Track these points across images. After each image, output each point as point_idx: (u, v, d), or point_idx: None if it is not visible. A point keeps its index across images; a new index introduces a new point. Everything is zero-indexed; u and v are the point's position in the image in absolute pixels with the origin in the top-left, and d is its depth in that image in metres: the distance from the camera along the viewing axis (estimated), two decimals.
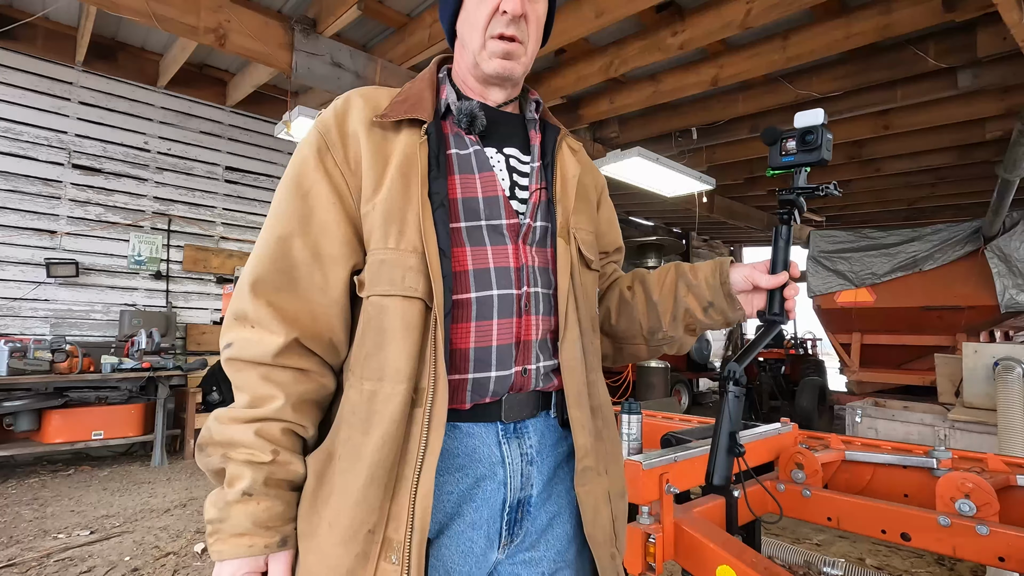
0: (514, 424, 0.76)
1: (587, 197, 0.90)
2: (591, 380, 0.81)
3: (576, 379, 0.77)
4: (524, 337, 0.76)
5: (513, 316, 0.75)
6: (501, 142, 0.83)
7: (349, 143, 0.75)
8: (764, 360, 7.67)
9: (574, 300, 0.79)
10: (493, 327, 0.74)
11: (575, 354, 0.77)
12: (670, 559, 1.10)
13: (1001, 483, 1.26)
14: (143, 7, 3.31)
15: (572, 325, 0.78)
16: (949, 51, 4.01)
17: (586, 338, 0.80)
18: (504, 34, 0.78)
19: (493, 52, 0.79)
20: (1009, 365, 2.87)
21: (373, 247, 0.72)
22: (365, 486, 0.66)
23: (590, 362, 0.81)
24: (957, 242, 5.21)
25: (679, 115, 5.58)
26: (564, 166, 0.84)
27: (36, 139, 4.82)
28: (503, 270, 0.76)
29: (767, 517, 1.41)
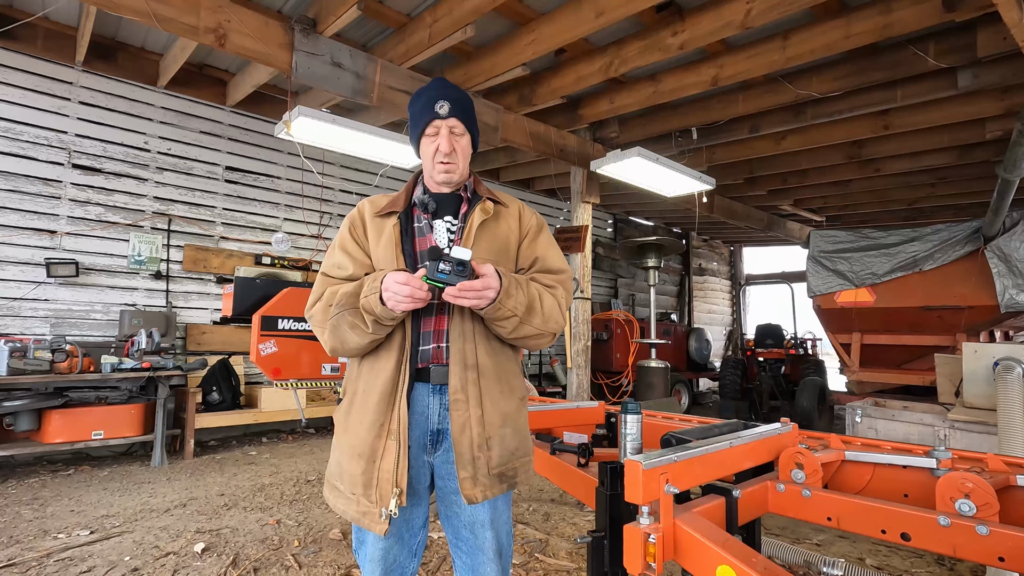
0: (438, 386, 1.33)
1: (495, 235, 1.40)
2: (467, 348, 1.32)
3: (455, 347, 1.31)
4: (438, 327, 1.34)
5: (434, 315, 1.34)
6: (443, 213, 1.43)
7: (362, 226, 1.44)
8: (764, 360, 7.68)
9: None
10: (431, 321, 1.34)
11: (456, 333, 1.32)
12: (670, 559, 1.10)
13: (1001, 483, 1.26)
14: (143, 7, 3.31)
15: (455, 316, 1.32)
16: (949, 51, 4.01)
17: (468, 323, 1.32)
18: (443, 162, 1.39)
19: (438, 171, 1.40)
20: (1009, 365, 2.87)
21: None
22: (378, 403, 1.29)
23: (468, 336, 1.32)
24: (957, 242, 5.21)
25: (679, 115, 5.59)
26: (471, 222, 1.37)
27: (36, 139, 4.82)
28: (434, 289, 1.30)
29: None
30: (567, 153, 5.81)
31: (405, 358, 1.29)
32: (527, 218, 1.49)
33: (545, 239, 1.48)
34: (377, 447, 1.26)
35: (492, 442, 1.31)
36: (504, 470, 1.33)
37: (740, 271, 13.58)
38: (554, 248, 1.49)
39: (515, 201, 1.51)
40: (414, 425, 1.31)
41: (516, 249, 1.44)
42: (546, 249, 1.47)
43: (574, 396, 5.93)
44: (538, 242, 1.47)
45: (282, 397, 5.37)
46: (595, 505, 1.47)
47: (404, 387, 1.27)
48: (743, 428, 1.65)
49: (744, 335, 9.48)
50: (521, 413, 1.41)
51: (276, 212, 6.21)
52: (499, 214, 1.43)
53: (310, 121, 4.02)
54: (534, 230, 1.48)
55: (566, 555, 2.79)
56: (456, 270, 1.17)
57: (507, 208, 1.46)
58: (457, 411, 1.28)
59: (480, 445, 1.28)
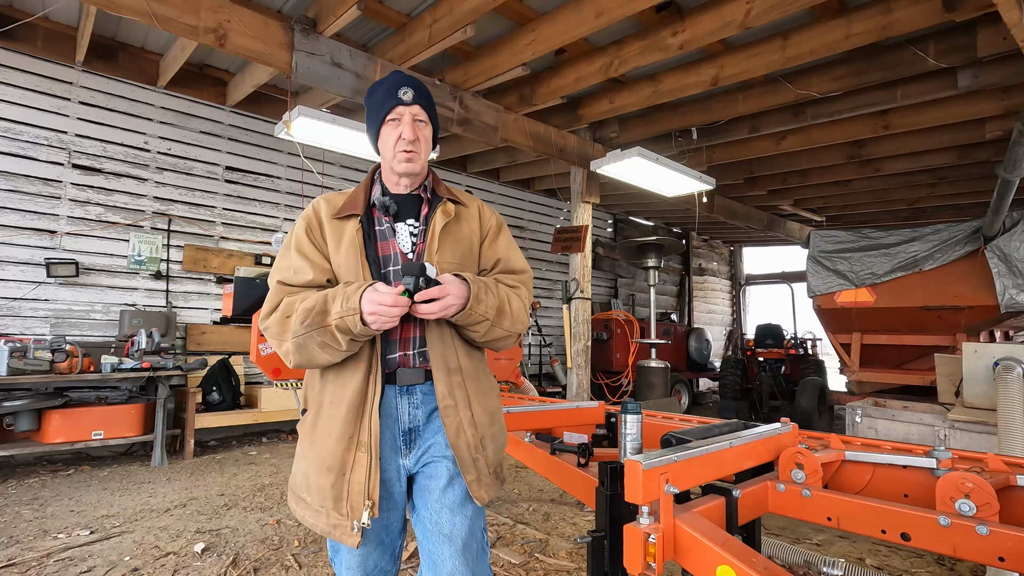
0: (407, 387, 1.32)
1: (459, 238, 1.38)
2: (448, 353, 1.31)
3: (436, 353, 1.30)
4: (404, 335, 1.32)
5: (399, 324, 1.26)
6: (404, 216, 1.39)
7: (319, 228, 1.37)
8: (764, 360, 7.68)
9: None
10: (397, 331, 1.31)
11: (435, 339, 1.30)
12: (670, 559, 1.10)
13: (1001, 483, 1.26)
14: (143, 7, 3.31)
15: (431, 323, 1.30)
16: (949, 51, 4.01)
17: (445, 328, 1.31)
18: (406, 150, 1.34)
19: (399, 159, 1.35)
20: (1009, 365, 2.86)
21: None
22: (346, 415, 1.25)
23: (448, 342, 1.31)
24: (957, 242, 5.21)
25: (679, 115, 5.59)
26: (434, 224, 1.35)
27: (36, 139, 4.82)
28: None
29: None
30: (567, 153, 5.81)
31: (375, 370, 1.26)
32: (487, 218, 1.47)
33: (505, 239, 1.48)
34: (347, 460, 1.22)
35: (486, 441, 1.33)
36: (497, 468, 1.37)
37: (740, 271, 13.58)
38: (514, 248, 1.49)
39: (474, 200, 1.49)
40: (385, 429, 1.29)
41: (478, 250, 1.43)
42: (507, 250, 1.46)
43: (574, 396, 5.93)
44: (499, 243, 1.46)
45: (282, 397, 5.37)
46: (595, 505, 1.47)
47: (376, 398, 1.25)
48: (743, 428, 1.65)
49: (744, 335, 9.48)
50: (500, 408, 1.44)
51: (276, 212, 6.21)
52: (460, 215, 1.41)
53: (310, 121, 4.02)
54: (494, 230, 1.47)
55: (566, 555, 2.79)
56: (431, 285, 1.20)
57: (467, 208, 1.44)
58: (449, 416, 1.28)
59: (476, 446, 1.30)
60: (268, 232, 6.10)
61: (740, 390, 7.75)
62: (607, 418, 2.43)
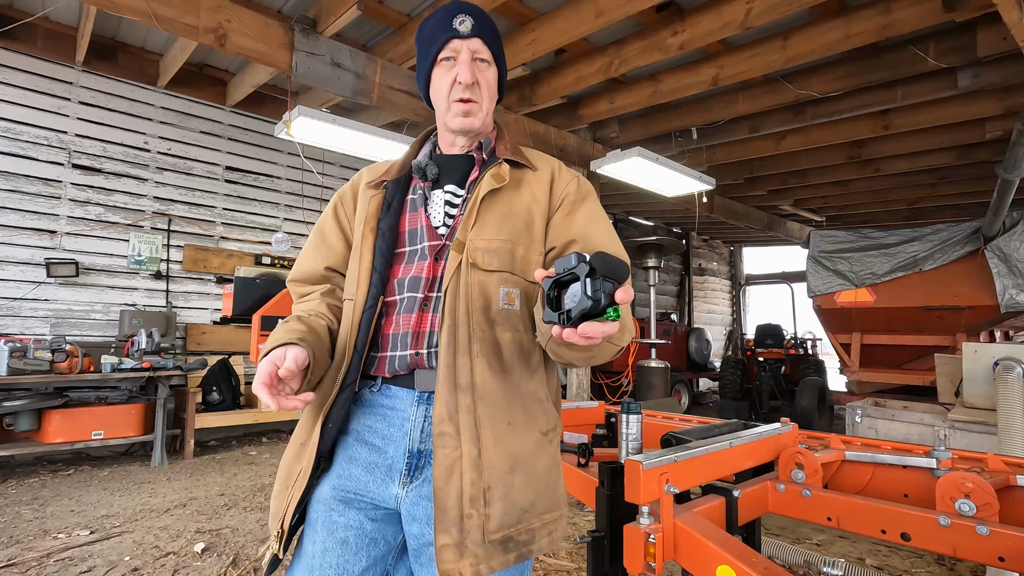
0: (427, 393, 0.99)
1: (512, 210, 1.05)
2: (460, 363, 0.95)
3: (443, 360, 0.95)
4: (420, 328, 1.00)
5: (414, 313, 1.00)
6: (446, 181, 1.10)
7: (352, 201, 1.17)
8: (764, 360, 7.67)
9: (455, 298, 0.97)
10: (401, 320, 1.01)
11: (446, 340, 0.96)
12: (670, 559, 1.10)
13: (1001, 483, 1.26)
14: (143, 7, 3.31)
15: (448, 317, 0.96)
16: (949, 51, 4.01)
17: (462, 329, 0.96)
18: (462, 98, 1.05)
19: (455, 112, 1.06)
20: (1009, 365, 2.86)
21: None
22: (307, 415, 1.03)
23: (462, 347, 0.96)
24: (957, 242, 5.22)
25: (679, 115, 5.59)
26: (476, 194, 1.03)
27: (36, 139, 4.82)
28: (415, 279, 1.02)
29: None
30: (567, 153, 5.81)
31: (343, 363, 1.00)
32: (563, 183, 1.10)
33: (588, 213, 1.07)
34: (293, 470, 1.00)
35: (492, 494, 0.92)
36: (512, 533, 0.93)
37: (740, 271, 13.58)
38: (603, 226, 1.07)
39: (549, 162, 1.13)
40: (388, 441, 0.99)
41: (543, 226, 1.06)
42: (589, 226, 1.05)
43: (574, 396, 5.94)
44: (577, 216, 1.06)
45: None
46: (595, 505, 1.47)
47: (330, 397, 0.99)
48: (743, 428, 1.65)
49: (744, 335, 9.48)
50: (543, 453, 1.00)
51: (276, 212, 6.21)
52: (520, 181, 1.07)
53: (310, 121, 4.02)
54: (572, 199, 1.08)
55: (566, 555, 2.79)
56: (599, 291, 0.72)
57: (535, 172, 1.10)
58: (443, 448, 0.92)
59: (474, 498, 0.91)
60: (268, 232, 6.10)
61: (740, 390, 7.75)
62: (607, 418, 2.43)
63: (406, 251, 1.05)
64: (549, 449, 1.02)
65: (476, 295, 0.97)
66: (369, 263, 1.04)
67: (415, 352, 0.99)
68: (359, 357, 1.00)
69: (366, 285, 1.02)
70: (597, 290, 0.70)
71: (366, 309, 1.01)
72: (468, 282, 0.97)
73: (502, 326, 0.99)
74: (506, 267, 1.00)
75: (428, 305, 1.01)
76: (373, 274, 1.03)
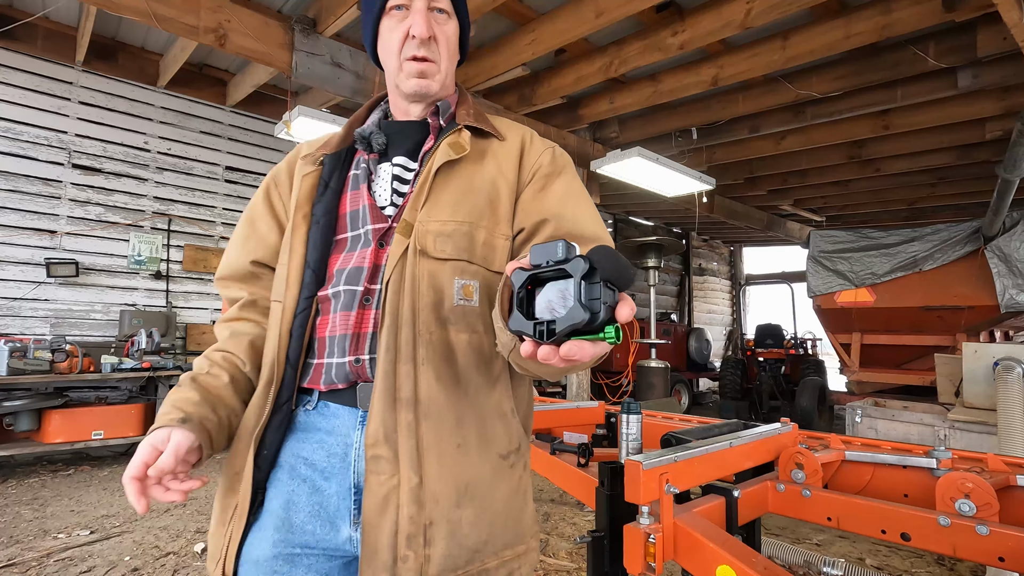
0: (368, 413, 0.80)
1: (472, 186, 0.87)
2: (401, 372, 0.78)
3: (381, 368, 0.79)
4: (360, 328, 0.83)
5: (353, 310, 0.83)
6: (394, 153, 0.92)
7: (288, 182, 0.98)
8: (764, 360, 7.67)
9: (399, 292, 0.80)
10: (337, 320, 0.84)
11: (385, 344, 0.79)
12: (670, 559, 1.10)
13: (1001, 483, 1.26)
14: (143, 7, 3.32)
15: (388, 315, 0.79)
16: (949, 51, 4.01)
17: (406, 330, 0.79)
18: (416, 56, 0.89)
19: (408, 73, 0.90)
20: (1009, 365, 2.87)
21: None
22: (239, 439, 0.86)
23: (405, 352, 0.79)
24: (957, 242, 5.22)
25: (679, 115, 5.59)
26: (431, 164, 0.86)
27: (36, 139, 4.82)
28: (355, 270, 0.85)
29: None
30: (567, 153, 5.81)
31: (274, 378, 0.84)
32: (535, 153, 0.93)
33: (563, 187, 0.90)
34: (228, 504, 0.83)
35: (435, 532, 0.76)
36: None
37: (740, 271, 13.58)
38: (585, 207, 0.89)
39: (520, 130, 0.97)
40: (329, 475, 0.82)
41: (510, 205, 0.89)
42: (565, 203, 0.87)
43: (574, 396, 5.93)
44: (551, 192, 0.89)
45: None
46: (595, 505, 1.47)
47: (262, 420, 0.83)
48: (743, 428, 1.65)
49: (744, 335, 9.49)
50: (502, 480, 0.84)
51: None
52: (484, 152, 0.91)
53: (310, 121, 4.02)
54: (545, 172, 0.91)
55: (566, 555, 2.79)
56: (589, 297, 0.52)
57: (502, 143, 0.93)
58: (377, 475, 0.77)
59: (411, 537, 0.75)
60: None
61: (740, 390, 7.75)
62: (607, 418, 2.43)
63: (347, 237, 0.89)
64: (511, 475, 0.86)
65: (424, 288, 0.81)
66: (301, 258, 0.87)
67: (354, 359, 0.82)
68: (293, 370, 0.84)
69: (297, 285, 0.86)
70: (596, 299, 0.51)
71: (297, 314, 0.85)
72: (415, 272, 0.81)
73: (456, 326, 0.82)
74: (463, 254, 0.83)
75: (370, 300, 0.83)
76: (305, 271, 0.87)
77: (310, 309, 0.85)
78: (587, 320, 0.50)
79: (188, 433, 0.77)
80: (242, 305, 0.96)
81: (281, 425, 0.84)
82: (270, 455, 0.84)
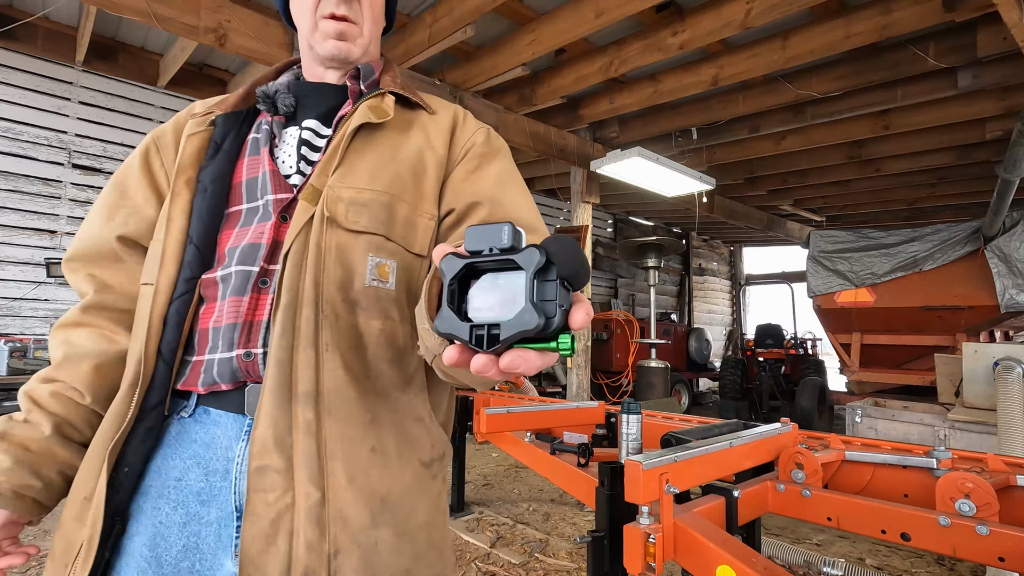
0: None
1: (394, 155, 0.76)
2: (300, 360, 0.65)
3: (273, 355, 0.65)
4: (253, 316, 0.69)
5: (246, 295, 0.69)
6: (304, 116, 0.80)
7: (174, 146, 0.80)
8: (764, 360, 7.68)
9: (300, 266, 0.67)
10: (226, 307, 0.69)
11: (281, 326, 0.65)
12: (670, 559, 1.10)
13: (1001, 483, 1.26)
14: (143, 7, 3.32)
15: (287, 291, 0.66)
16: (949, 51, 4.01)
17: (307, 309, 0.66)
18: (335, 14, 0.78)
19: (325, 33, 0.79)
20: (1009, 365, 2.87)
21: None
22: (91, 453, 0.69)
23: (305, 336, 0.65)
24: (957, 242, 5.22)
25: (679, 115, 5.59)
26: (348, 126, 0.74)
27: (36, 139, 4.82)
28: (250, 247, 0.71)
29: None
30: (567, 153, 5.81)
31: (140, 377, 0.67)
32: (467, 131, 0.83)
33: (498, 170, 0.82)
34: (75, 540, 0.65)
35: (343, 563, 0.62)
36: None
37: (740, 271, 13.58)
38: (521, 190, 0.82)
39: (452, 107, 0.87)
40: (208, 499, 0.67)
41: (437, 182, 0.79)
42: (502, 188, 0.79)
43: (574, 396, 5.94)
44: (485, 173, 0.80)
45: None
46: (595, 505, 1.47)
47: (122, 431, 0.66)
48: (743, 428, 1.66)
49: (744, 335, 9.49)
50: (425, 493, 0.71)
51: None
52: (410, 123, 0.81)
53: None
54: (479, 151, 0.82)
55: (566, 555, 2.79)
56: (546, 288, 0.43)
57: (432, 116, 0.84)
58: (262, 492, 0.62)
59: (310, 572, 0.60)
60: None
61: (740, 390, 7.75)
62: (607, 418, 2.43)
63: (243, 210, 0.75)
64: (432, 487, 0.72)
65: (332, 263, 0.68)
66: (181, 232, 0.72)
67: (244, 353, 0.67)
68: (167, 367, 0.68)
69: (174, 264, 0.70)
70: (551, 300, 0.42)
71: (174, 298, 0.69)
72: (321, 244, 0.68)
73: (368, 311, 0.70)
74: (379, 228, 0.72)
75: (267, 283, 0.70)
76: (187, 247, 0.71)
77: (192, 294, 0.70)
78: (541, 326, 0.41)
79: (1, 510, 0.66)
80: (87, 306, 0.76)
81: (148, 436, 0.67)
82: (133, 474, 0.67)
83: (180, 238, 0.72)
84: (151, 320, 0.69)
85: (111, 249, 0.78)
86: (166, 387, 0.69)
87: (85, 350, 0.74)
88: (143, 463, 0.68)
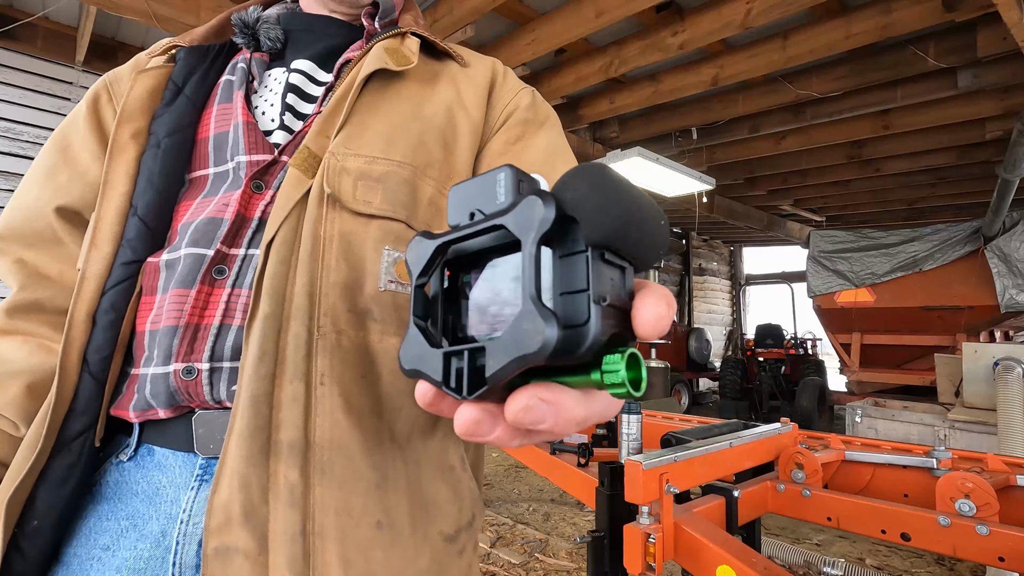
0: (208, 459, 0.49)
1: (417, 114, 0.57)
2: (283, 395, 0.46)
3: (246, 388, 0.46)
4: (199, 319, 0.50)
5: (193, 287, 0.50)
6: (295, 55, 0.61)
7: (128, 92, 0.58)
8: (764, 360, 7.68)
9: (288, 262, 0.49)
10: (166, 302, 0.50)
11: (257, 346, 0.46)
12: (670, 559, 1.10)
13: (1001, 483, 1.26)
14: (143, 7, 3.32)
15: (268, 296, 0.47)
16: (949, 51, 4.01)
17: (296, 323, 0.48)
18: None
19: None
20: (1009, 365, 2.87)
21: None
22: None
23: (294, 362, 0.47)
24: (957, 242, 5.22)
25: (679, 115, 5.59)
26: (357, 71, 0.56)
27: (36, 139, 4.82)
28: (208, 222, 0.52)
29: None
30: None
31: (56, 396, 0.49)
32: (508, 91, 0.67)
33: (546, 142, 0.67)
34: None
35: None
36: None
37: (740, 271, 13.58)
38: (569, 164, 0.65)
39: (486, 60, 0.68)
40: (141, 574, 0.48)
41: (471, 153, 0.61)
42: (549, 163, 0.64)
43: None
44: (532, 145, 0.65)
45: None
46: (595, 505, 1.47)
47: (27, 469, 0.47)
48: (743, 428, 1.65)
49: (744, 335, 9.49)
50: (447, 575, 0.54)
51: None
52: (437, 75, 0.63)
53: None
54: (523, 116, 0.66)
55: (566, 555, 2.79)
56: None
57: (464, 68, 0.65)
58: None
59: None
60: None
61: (740, 390, 7.75)
62: None
63: (209, 175, 0.57)
64: (457, 567, 0.54)
65: (334, 258, 0.50)
66: (123, 197, 0.54)
67: (183, 369, 0.49)
68: (95, 382, 0.50)
69: (110, 243, 0.53)
70: (582, 290, 0.24)
71: (107, 289, 0.51)
72: (319, 232, 0.50)
73: (383, 324, 0.51)
74: (399, 212, 0.53)
75: (224, 273, 0.52)
76: (130, 220, 0.53)
77: (132, 281, 0.52)
78: (553, 342, 0.22)
79: None
80: (16, 306, 0.56)
81: (67, 480, 0.48)
82: (46, 531, 0.48)
83: (120, 207, 0.53)
84: (73, 317, 0.50)
85: (47, 225, 0.57)
86: (95, 410, 0.49)
87: (15, 366, 0.53)
88: (63, 518, 0.48)
